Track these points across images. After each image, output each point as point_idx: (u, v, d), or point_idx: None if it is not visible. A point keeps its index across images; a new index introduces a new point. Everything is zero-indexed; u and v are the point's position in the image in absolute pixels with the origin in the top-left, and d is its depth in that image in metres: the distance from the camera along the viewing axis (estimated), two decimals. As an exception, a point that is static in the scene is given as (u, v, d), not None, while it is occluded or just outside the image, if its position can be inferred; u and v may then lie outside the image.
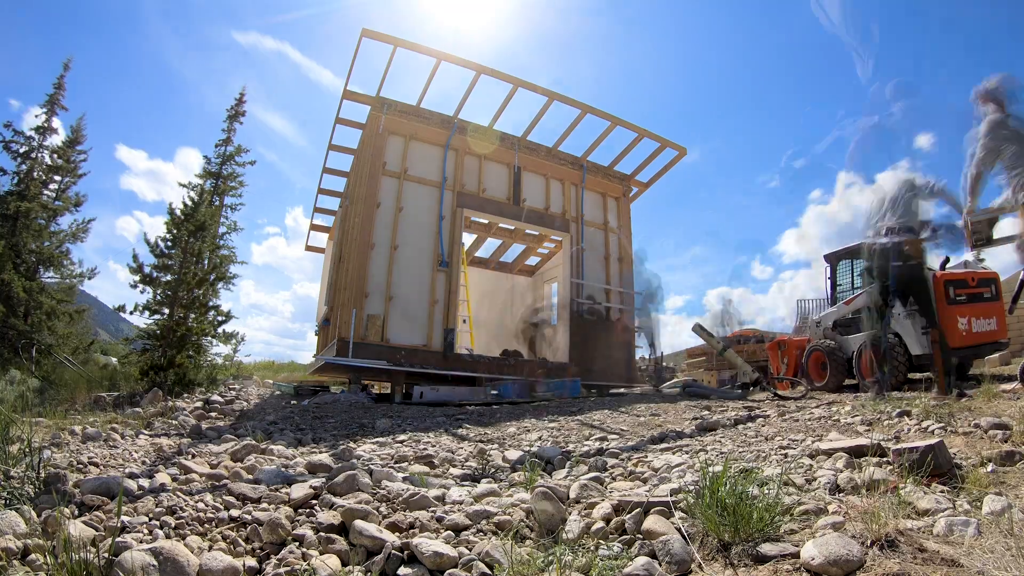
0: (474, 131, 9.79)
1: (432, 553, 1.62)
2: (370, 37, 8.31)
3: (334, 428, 4.86)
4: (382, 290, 8.36)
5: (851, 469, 2.43)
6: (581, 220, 10.63)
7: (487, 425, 5.00)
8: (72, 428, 3.74)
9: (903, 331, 6.77)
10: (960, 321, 6.46)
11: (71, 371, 7.48)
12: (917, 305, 6.19)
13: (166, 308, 6.96)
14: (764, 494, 1.81)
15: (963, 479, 2.21)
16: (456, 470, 3.06)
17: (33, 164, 8.91)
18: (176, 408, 5.40)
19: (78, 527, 1.72)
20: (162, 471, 2.73)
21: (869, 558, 1.47)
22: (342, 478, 2.36)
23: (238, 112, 9.78)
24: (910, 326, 6.69)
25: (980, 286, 6.77)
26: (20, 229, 8.31)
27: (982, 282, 6.81)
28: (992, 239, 6.68)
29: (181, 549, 1.58)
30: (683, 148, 11.05)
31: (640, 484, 2.53)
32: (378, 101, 9.01)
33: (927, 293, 5.86)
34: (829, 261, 8.63)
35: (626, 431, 4.41)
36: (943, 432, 3.07)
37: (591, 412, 5.62)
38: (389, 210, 8.72)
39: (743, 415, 4.83)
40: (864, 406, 4.36)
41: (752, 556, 1.57)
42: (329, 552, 1.73)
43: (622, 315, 10.57)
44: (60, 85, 9.52)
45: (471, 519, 1.98)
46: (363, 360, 7.92)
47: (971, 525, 1.65)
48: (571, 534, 1.83)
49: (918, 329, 6.57)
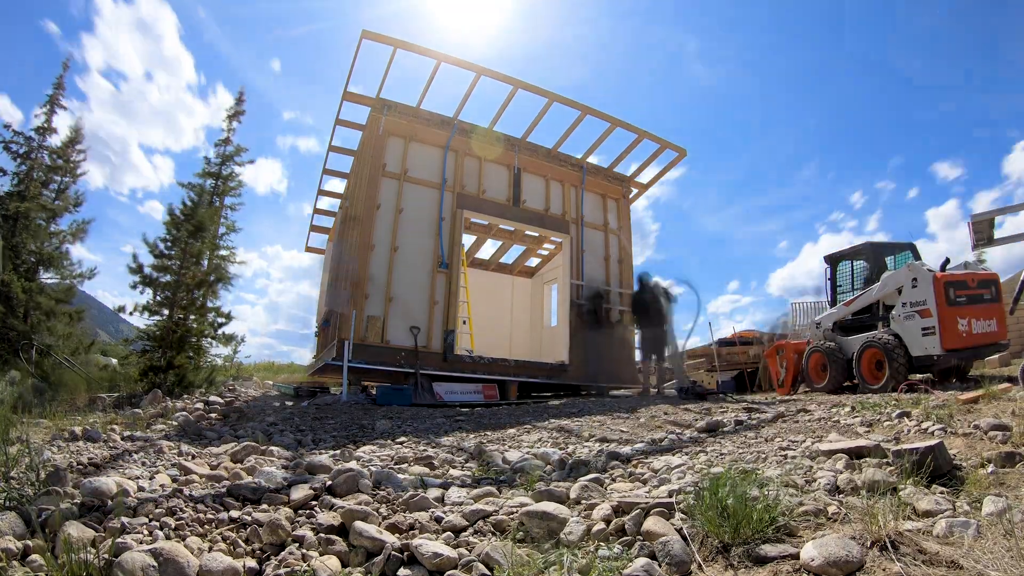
0: (474, 132, 9.80)
1: (431, 554, 1.62)
2: (370, 39, 8.32)
3: (334, 429, 4.86)
4: (382, 291, 8.36)
5: (851, 470, 2.43)
6: (581, 221, 10.64)
7: (487, 427, 5.00)
8: (72, 429, 3.74)
9: (903, 332, 6.77)
10: (960, 322, 6.43)
11: (71, 372, 7.47)
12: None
13: (166, 309, 6.95)
14: (764, 495, 1.81)
15: (963, 480, 2.21)
16: (456, 471, 3.06)
17: (33, 165, 8.91)
18: (176, 409, 5.39)
19: (78, 528, 1.72)
20: (162, 472, 2.72)
21: (869, 559, 1.47)
22: (342, 479, 2.36)
23: (238, 112, 9.78)
24: (910, 327, 6.71)
25: (980, 287, 6.76)
26: (20, 229, 8.31)
27: (982, 283, 6.79)
28: (993, 239, 6.72)
29: (181, 550, 1.58)
30: (683, 149, 11.07)
31: (640, 485, 2.53)
32: (378, 102, 9.02)
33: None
34: (829, 262, 8.61)
35: (626, 432, 4.41)
36: (943, 433, 3.07)
37: (592, 414, 5.62)
38: (389, 211, 8.73)
39: (743, 417, 4.83)
40: (864, 407, 4.36)
41: (752, 557, 1.57)
42: (329, 553, 1.73)
43: (622, 316, 10.57)
44: (60, 85, 9.53)
45: (470, 520, 1.98)
46: (363, 361, 7.92)
47: (971, 526, 1.65)
48: (571, 536, 1.82)
49: (919, 331, 6.59)
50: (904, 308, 6.81)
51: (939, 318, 6.41)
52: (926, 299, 6.55)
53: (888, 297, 7.24)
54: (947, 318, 6.40)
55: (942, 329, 6.36)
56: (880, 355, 6.87)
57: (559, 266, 11.89)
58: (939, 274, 6.67)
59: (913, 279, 6.78)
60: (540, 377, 9.51)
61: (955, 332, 6.38)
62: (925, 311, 6.54)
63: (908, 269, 6.95)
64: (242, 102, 10.12)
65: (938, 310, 6.43)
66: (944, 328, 6.36)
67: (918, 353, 6.56)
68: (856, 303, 7.75)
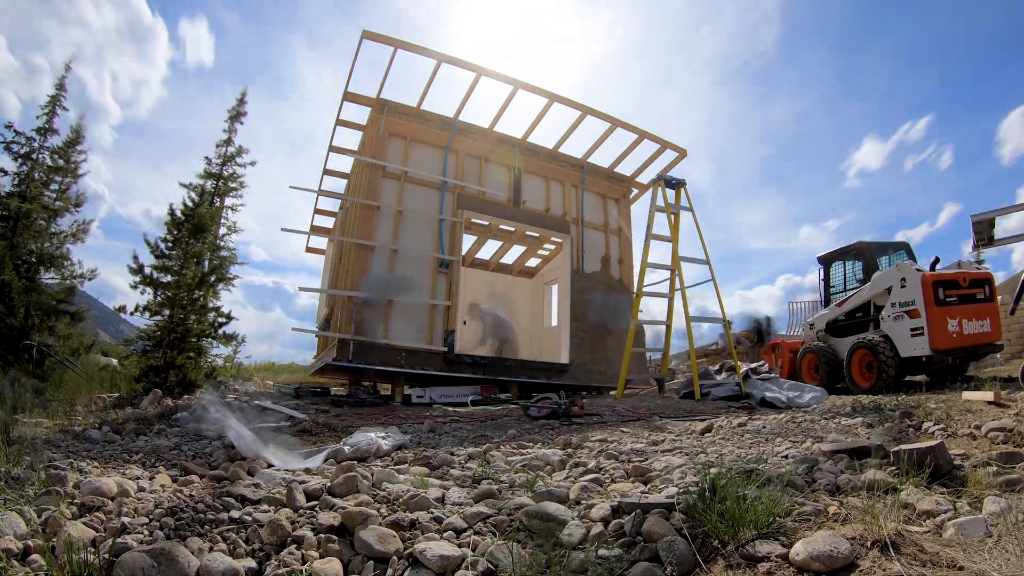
0: (474, 133, 9.80)
1: (437, 557, 1.62)
2: (370, 39, 8.32)
3: (336, 430, 4.85)
4: (382, 291, 8.36)
5: (851, 471, 2.43)
6: (582, 222, 10.64)
7: (487, 428, 5.00)
8: (72, 429, 3.74)
9: (892, 333, 6.70)
10: (949, 322, 6.33)
11: (71, 372, 7.48)
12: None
13: (166, 309, 6.95)
14: (765, 495, 1.81)
15: (964, 480, 2.21)
16: (456, 471, 3.06)
17: (34, 165, 8.92)
18: (176, 409, 5.39)
19: (78, 528, 1.72)
20: (162, 472, 2.73)
21: (869, 559, 1.47)
22: (342, 479, 2.36)
23: (239, 113, 9.78)
24: (899, 328, 6.64)
25: (972, 287, 6.63)
26: (21, 230, 8.32)
27: (974, 283, 6.67)
28: (994, 239, 6.69)
29: (181, 550, 1.58)
30: (683, 150, 11.07)
31: (640, 485, 2.52)
32: (379, 103, 9.02)
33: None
34: (822, 262, 8.59)
35: (626, 432, 4.41)
36: (943, 433, 3.07)
37: (592, 414, 5.61)
38: (389, 212, 8.73)
39: (744, 417, 4.83)
40: (864, 407, 4.36)
41: (753, 557, 1.57)
42: (329, 553, 1.73)
43: (623, 316, 10.58)
44: (62, 86, 9.53)
45: (469, 521, 1.98)
46: (363, 362, 7.92)
47: (972, 527, 1.65)
48: (571, 536, 1.82)
49: (907, 331, 6.52)
50: (893, 308, 6.72)
51: (927, 318, 6.31)
52: (914, 299, 6.46)
53: (878, 298, 7.18)
54: (935, 318, 6.29)
55: (930, 329, 6.26)
56: (870, 356, 6.78)
57: (560, 267, 11.89)
58: (928, 273, 6.58)
59: (902, 279, 6.70)
60: (540, 377, 9.51)
61: (944, 332, 6.28)
62: (914, 311, 6.45)
63: (897, 269, 6.87)
64: (244, 103, 10.12)
65: (926, 310, 6.33)
66: (932, 328, 6.26)
67: (907, 354, 6.46)
68: (848, 303, 7.69)
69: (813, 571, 1.43)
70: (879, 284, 7.10)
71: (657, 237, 8.76)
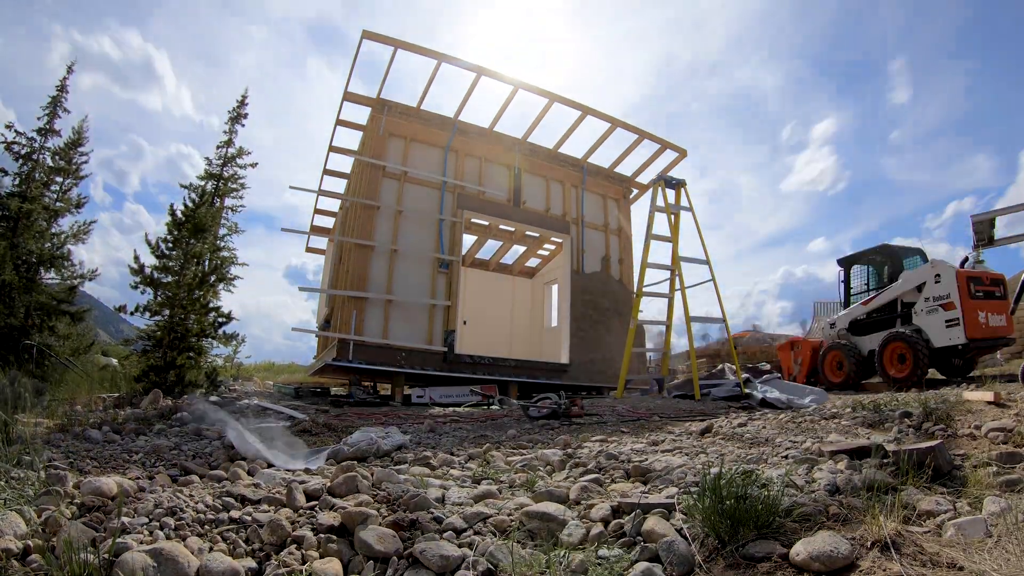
0: (474, 133, 9.80)
1: (437, 557, 1.62)
2: (371, 39, 8.33)
3: (336, 430, 4.85)
4: (382, 292, 8.37)
5: (852, 471, 2.42)
6: (582, 222, 10.64)
7: (487, 428, 5.00)
8: (72, 429, 3.74)
9: (925, 325, 7.15)
10: (980, 314, 6.88)
11: (72, 372, 7.47)
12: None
13: (167, 309, 6.95)
14: (765, 495, 1.81)
15: (964, 481, 2.21)
16: (456, 471, 3.06)
17: (35, 166, 8.92)
18: (176, 409, 5.39)
19: (78, 528, 1.72)
20: (162, 472, 2.73)
21: (869, 559, 1.47)
22: (342, 479, 2.36)
23: (240, 114, 9.78)
24: (933, 320, 7.07)
25: (992, 284, 7.17)
26: (21, 230, 8.32)
27: (993, 281, 7.20)
28: (994, 239, 7.20)
29: (181, 550, 1.58)
30: (683, 149, 11.07)
31: (640, 485, 2.52)
32: (379, 103, 9.03)
33: None
34: (842, 265, 8.91)
35: (626, 432, 4.40)
36: (943, 434, 3.07)
37: (592, 415, 5.61)
38: (389, 212, 8.74)
39: (744, 417, 4.82)
40: (864, 407, 4.35)
41: (752, 557, 1.57)
42: (329, 553, 1.73)
43: (624, 316, 10.58)
44: (63, 87, 9.53)
45: (469, 521, 1.98)
46: (363, 362, 7.92)
47: (972, 527, 1.65)
48: (571, 536, 1.82)
49: (942, 323, 6.99)
50: (927, 303, 7.25)
51: (963, 310, 6.86)
52: (949, 293, 7.00)
53: (907, 295, 7.65)
54: (970, 310, 6.86)
55: (966, 320, 6.81)
56: (903, 348, 7.22)
57: (560, 267, 11.89)
58: (960, 270, 7.09)
59: (936, 275, 7.23)
60: (540, 377, 9.51)
61: (977, 323, 6.84)
62: (949, 304, 7.00)
63: (931, 266, 7.38)
64: (244, 104, 10.12)
65: (961, 302, 6.88)
66: (968, 319, 6.82)
67: (941, 344, 6.97)
68: (874, 302, 8.07)
69: (813, 571, 1.43)
70: (910, 281, 7.57)
71: (657, 237, 8.77)
